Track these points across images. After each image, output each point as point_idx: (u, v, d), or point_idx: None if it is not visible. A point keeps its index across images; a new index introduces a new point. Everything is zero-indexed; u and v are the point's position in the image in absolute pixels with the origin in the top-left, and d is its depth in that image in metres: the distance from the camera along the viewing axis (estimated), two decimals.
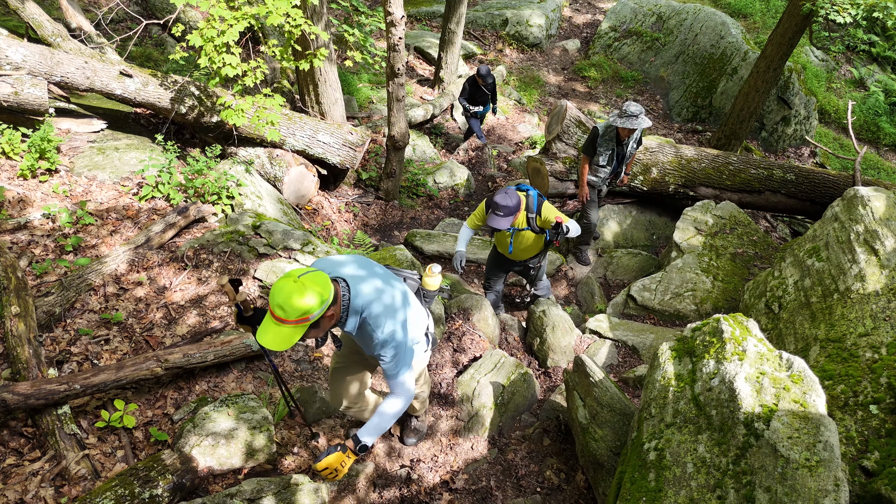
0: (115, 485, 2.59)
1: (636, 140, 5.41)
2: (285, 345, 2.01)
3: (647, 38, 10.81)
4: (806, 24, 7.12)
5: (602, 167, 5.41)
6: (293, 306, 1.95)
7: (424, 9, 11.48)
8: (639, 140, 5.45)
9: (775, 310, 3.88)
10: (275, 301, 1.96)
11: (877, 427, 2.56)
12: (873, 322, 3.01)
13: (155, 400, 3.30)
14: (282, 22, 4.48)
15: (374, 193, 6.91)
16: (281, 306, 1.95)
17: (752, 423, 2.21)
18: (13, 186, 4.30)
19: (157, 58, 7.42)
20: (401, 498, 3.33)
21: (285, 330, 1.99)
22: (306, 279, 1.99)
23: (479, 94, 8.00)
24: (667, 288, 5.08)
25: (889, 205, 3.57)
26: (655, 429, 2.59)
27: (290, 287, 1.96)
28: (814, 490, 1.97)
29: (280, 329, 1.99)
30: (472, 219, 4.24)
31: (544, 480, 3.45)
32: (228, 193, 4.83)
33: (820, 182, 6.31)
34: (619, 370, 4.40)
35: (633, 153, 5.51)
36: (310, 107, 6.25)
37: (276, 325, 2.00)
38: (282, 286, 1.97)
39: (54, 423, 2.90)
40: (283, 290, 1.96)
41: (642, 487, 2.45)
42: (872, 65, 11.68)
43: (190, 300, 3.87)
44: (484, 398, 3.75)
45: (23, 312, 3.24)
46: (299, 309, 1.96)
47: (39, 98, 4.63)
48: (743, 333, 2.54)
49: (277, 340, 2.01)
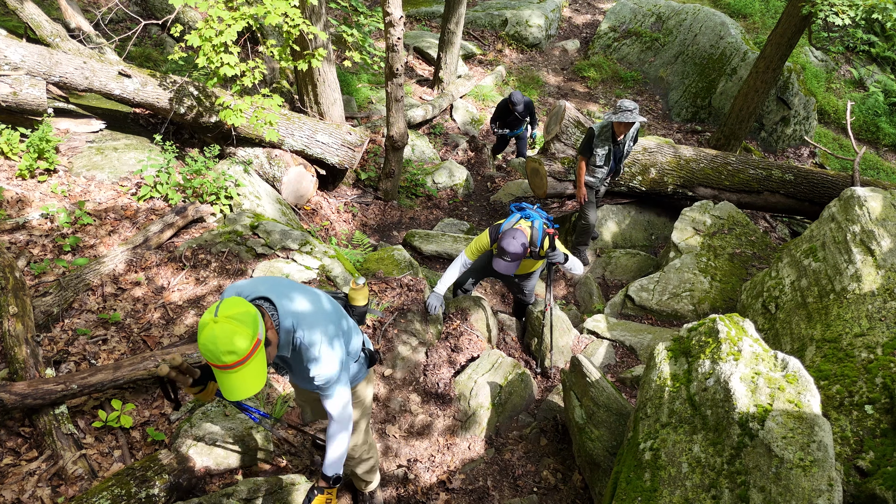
0: (112, 484, 2.60)
1: (632, 138, 5.40)
2: (261, 379, 1.86)
3: (647, 39, 10.81)
4: (805, 24, 7.13)
5: (599, 167, 5.41)
6: (236, 343, 1.76)
7: (424, 9, 11.49)
8: (635, 138, 5.44)
9: (772, 310, 3.88)
10: (218, 353, 1.75)
11: (872, 427, 2.57)
12: (869, 322, 3.01)
13: (152, 400, 3.30)
14: (280, 22, 4.48)
15: (373, 193, 6.91)
16: (228, 351, 1.75)
17: (746, 423, 2.21)
18: (11, 186, 4.31)
19: (156, 58, 7.43)
20: (397, 498, 3.33)
21: (249, 367, 1.81)
22: (222, 313, 1.77)
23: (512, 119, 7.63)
24: (665, 288, 5.08)
25: (885, 205, 3.57)
26: (651, 429, 2.59)
27: (218, 330, 1.75)
28: (808, 490, 1.97)
29: (245, 371, 1.80)
30: (472, 249, 4.01)
31: (541, 480, 3.46)
32: (227, 193, 4.83)
33: (819, 182, 6.31)
34: (616, 370, 4.40)
35: (630, 151, 5.50)
36: (308, 107, 6.26)
37: (236, 372, 1.79)
38: (211, 336, 1.74)
39: (51, 423, 2.91)
40: (216, 337, 1.74)
41: (638, 487, 2.46)
42: (872, 65, 11.68)
43: (188, 300, 3.88)
44: (481, 398, 3.76)
45: (20, 312, 3.25)
46: (244, 338, 1.77)
47: (38, 98, 4.63)
48: (739, 334, 2.55)
49: (251, 382, 1.83)
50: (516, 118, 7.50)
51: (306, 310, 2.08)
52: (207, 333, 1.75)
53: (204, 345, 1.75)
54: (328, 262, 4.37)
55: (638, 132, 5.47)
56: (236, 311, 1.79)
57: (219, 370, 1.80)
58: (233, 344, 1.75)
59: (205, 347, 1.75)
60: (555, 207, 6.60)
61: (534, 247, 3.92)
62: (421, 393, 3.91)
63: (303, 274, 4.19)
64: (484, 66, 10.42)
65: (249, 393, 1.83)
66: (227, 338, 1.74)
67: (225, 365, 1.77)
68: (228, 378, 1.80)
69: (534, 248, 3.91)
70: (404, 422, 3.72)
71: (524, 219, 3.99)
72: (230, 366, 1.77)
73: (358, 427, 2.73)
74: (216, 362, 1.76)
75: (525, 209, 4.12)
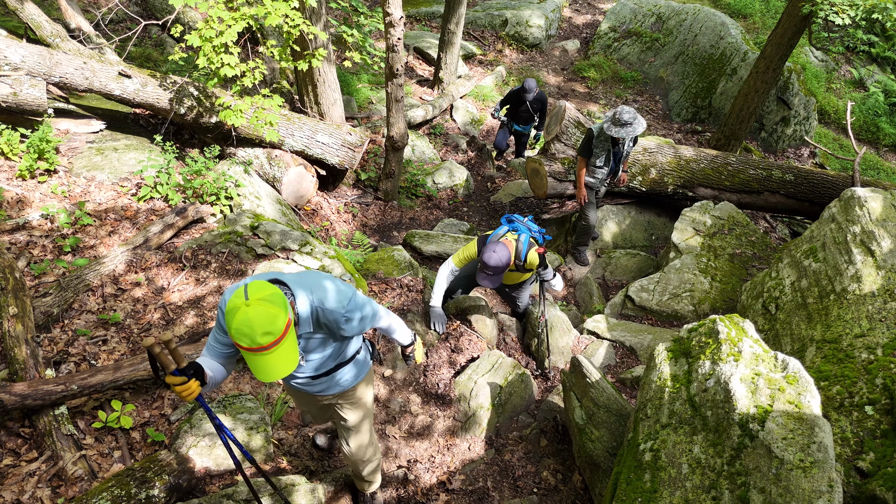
0: (112, 485, 2.60)
1: (632, 139, 5.38)
2: (295, 357, 1.90)
3: (647, 39, 10.81)
4: (805, 24, 7.12)
5: (599, 168, 5.40)
6: (273, 323, 1.79)
7: (424, 9, 11.48)
8: (635, 139, 5.42)
9: (772, 310, 3.88)
10: (254, 335, 1.77)
11: (872, 428, 2.56)
12: (869, 323, 3.01)
13: (152, 400, 3.30)
14: (280, 22, 4.48)
15: (373, 194, 6.91)
16: (264, 332, 1.78)
17: (746, 423, 2.21)
18: (12, 187, 4.31)
19: (156, 58, 7.43)
20: (397, 498, 3.33)
21: (283, 347, 1.85)
22: (252, 295, 1.81)
23: (522, 111, 7.41)
24: (665, 289, 5.08)
25: (886, 206, 3.57)
26: (651, 429, 2.59)
27: (252, 313, 1.77)
28: (808, 491, 1.97)
29: (279, 350, 1.84)
30: (460, 257, 3.97)
31: (541, 481, 3.46)
32: (227, 194, 4.83)
33: (819, 182, 6.31)
34: (616, 371, 4.40)
35: (630, 152, 5.48)
36: (309, 107, 6.25)
37: (271, 353, 1.83)
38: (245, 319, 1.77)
39: (51, 424, 2.91)
40: (251, 319, 1.77)
41: (638, 488, 2.46)
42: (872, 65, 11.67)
43: (188, 301, 3.88)
44: (481, 399, 3.76)
45: (20, 313, 3.24)
46: (279, 318, 1.81)
47: (38, 98, 4.63)
48: (739, 334, 2.55)
49: (285, 361, 1.87)
50: (527, 111, 7.31)
51: (315, 280, 2.13)
52: (241, 317, 1.77)
53: (238, 329, 1.77)
54: (328, 263, 4.37)
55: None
56: (266, 292, 1.82)
57: (253, 353, 1.82)
58: (269, 324, 1.78)
59: (239, 331, 1.77)
60: (555, 208, 6.60)
61: (518, 260, 3.86)
62: (421, 393, 3.91)
63: None
64: (484, 67, 10.42)
65: (285, 372, 1.87)
66: (263, 319, 1.77)
67: (260, 347, 1.79)
68: (263, 360, 1.83)
69: (518, 261, 3.86)
70: (404, 422, 3.72)
71: (511, 231, 3.95)
72: (266, 347, 1.80)
73: (362, 428, 2.74)
74: (251, 345, 1.78)
75: (514, 221, 4.08)
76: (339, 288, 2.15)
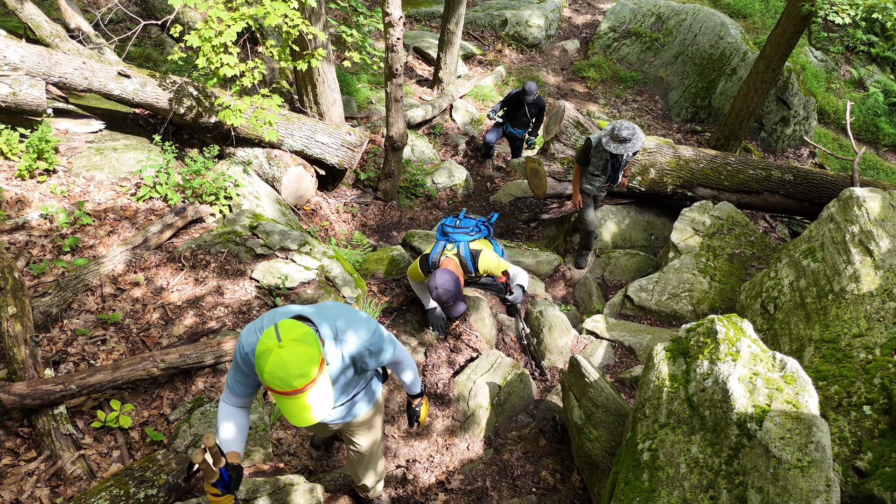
0: (111, 485, 2.60)
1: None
2: (330, 399, 1.83)
3: (647, 39, 10.81)
4: (805, 24, 7.12)
5: (596, 176, 5.34)
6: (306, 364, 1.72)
7: (424, 9, 11.49)
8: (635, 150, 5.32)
9: (771, 310, 3.88)
10: (289, 378, 1.70)
11: (870, 428, 2.57)
12: (867, 323, 3.01)
13: (151, 400, 3.30)
14: (280, 23, 4.49)
15: (373, 194, 6.91)
16: (299, 375, 1.71)
17: (744, 423, 2.21)
18: (11, 187, 4.31)
19: (155, 58, 7.43)
20: (396, 498, 3.34)
21: (318, 388, 1.77)
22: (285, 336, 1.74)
23: (520, 115, 7.38)
24: (664, 288, 5.08)
25: (884, 206, 3.57)
26: (649, 429, 2.59)
27: (286, 355, 1.70)
28: (805, 490, 1.97)
29: (313, 392, 1.76)
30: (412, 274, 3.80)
31: (540, 481, 3.46)
32: (226, 194, 4.83)
33: (818, 182, 6.31)
34: (615, 370, 4.40)
35: (629, 162, 5.40)
36: (308, 107, 6.26)
37: (304, 395, 1.74)
38: (279, 362, 1.70)
39: (50, 424, 2.91)
40: (286, 362, 1.70)
41: (636, 488, 2.46)
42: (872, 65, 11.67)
43: (187, 301, 3.88)
44: (480, 398, 3.76)
45: (19, 313, 3.25)
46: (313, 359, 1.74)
47: (37, 98, 4.63)
48: (737, 334, 2.55)
49: (321, 403, 1.79)
50: (525, 115, 7.32)
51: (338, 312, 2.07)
52: (275, 360, 1.69)
53: (272, 372, 1.69)
54: (327, 263, 4.37)
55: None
56: (298, 332, 1.76)
57: (287, 397, 1.74)
58: (304, 366, 1.71)
59: (273, 375, 1.69)
60: (554, 207, 6.60)
61: (468, 275, 3.67)
62: None
63: (302, 274, 4.19)
64: (484, 67, 10.42)
65: (321, 416, 1.79)
66: (297, 360, 1.71)
67: (295, 390, 1.72)
68: (297, 403, 1.75)
69: (469, 275, 3.67)
70: (403, 422, 3.72)
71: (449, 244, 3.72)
72: (300, 390, 1.73)
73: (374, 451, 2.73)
74: (286, 388, 1.71)
75: (448, 231, 3.80)
76: (363, 320, 2.10)
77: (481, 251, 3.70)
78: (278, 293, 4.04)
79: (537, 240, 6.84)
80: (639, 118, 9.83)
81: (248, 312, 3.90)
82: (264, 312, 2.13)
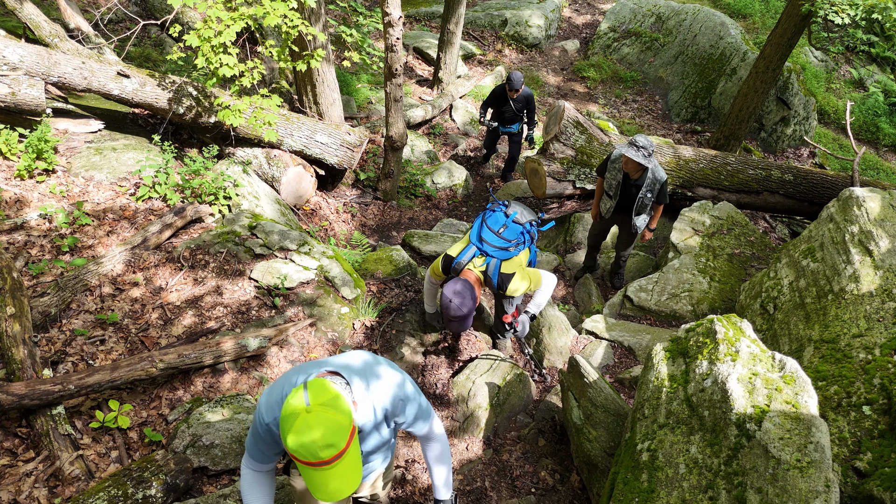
0: (109, 485, 2.60)
1: (650, 188, 4.73)
2: (360, 470, 1.65)
3: (647, 39, 10.81)
4: (805, 24, 7.12)
5: (608, 196, 5.02)
6: (336, 433, 1.55)
7: (423, 9, 11.48)
8: (657, 193, 4.77)
9: (770, 310, 3.88)
10: (316, 449, 1.52)
11: (869, 428, 2.56)
12: (867, 323, 3.01)
13: (150, 400, 3.30)
14: (279, 23, 4.48)
15: (373, 194, 6.91)
16: (327, 445, 1.53)
17: (743, 423, 2.21)
18: (10, 187, 4.31)
19: (155, 58, 7.43)
20: (396, 498, 3.33)
21: (347, 458, 1.59)
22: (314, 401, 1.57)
23: (506, 110, 6.86)
24: (663, 289, 5.08)
25: (884, 206, 3.57)
26: (648, 430, 2.59)
27: (314, 422, 1.54)
28: (804, 491, 1.97)
29: (343, 464, 1.58)
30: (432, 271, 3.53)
31: (539, 481, 3.45)
32: (225, 194, 4.83)
33: (818, 182, 6.31)
34: (615, 371, 4.40)
35: (650, 203, 4.86)
36: (308, 107, 6.25)
37: (334, 467, 1.57)
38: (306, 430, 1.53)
39: (48, 424, 2.91)
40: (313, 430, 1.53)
41: (635, 488, 2.46)
42: (872, 65, 11.67)
43: (186, 301, 3.88)
44: (479, 399, 3.75)
45: (18, 313, 3.24)
46: (344, 428, 1.57)
47: (37, 98, 4.63)
48: (736, 334, 2.54)
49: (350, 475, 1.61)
50: (511, 111, 6.86)
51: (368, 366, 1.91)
52: (301, 427, 1.53)
53: (297, 440, 1.52)
54: (326, 263, 4.37)
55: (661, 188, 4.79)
56: (329, 395, 1.59)
57: (313, 468, 1.56)
58: (334, 435, 1.54)
59: (299, 444, 1.52)
60: (554, 207, 6.59)
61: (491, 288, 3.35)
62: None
63: (301, 274, 4.18)
64: (484, 67, 10.42)
65: (349, 491, 1.61)
66: (327, 429, 1.54)
67: (322, 461, 1.54)
68: (323, 476, 1.57)
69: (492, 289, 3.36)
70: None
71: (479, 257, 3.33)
72: (328, 461, 1.55)
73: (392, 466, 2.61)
74: (312, 459, 1.54)
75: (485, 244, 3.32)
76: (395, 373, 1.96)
77: (513, 276, 3.29)
78: (277, 293, 4.04)
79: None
80: (639, 118, 9.83)
81: (247, 312, 3.90)
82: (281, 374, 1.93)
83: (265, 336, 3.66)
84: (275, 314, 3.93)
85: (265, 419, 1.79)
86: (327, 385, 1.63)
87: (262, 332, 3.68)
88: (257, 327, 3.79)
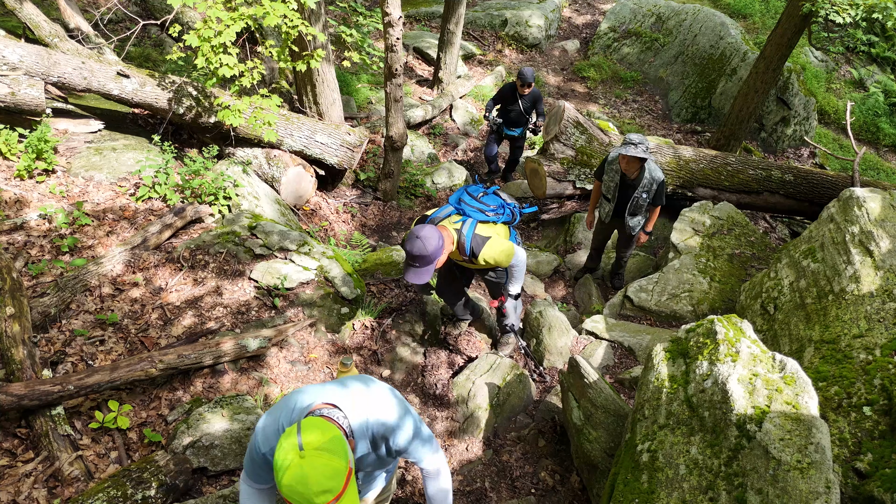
0: (108, 486, 2.60)
1: (647, 188, 4.70)
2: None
3: (647, 39, 10.80)
4: (805, 24, 7.12)
5: (606, 199, 4.99)
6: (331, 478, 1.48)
7: (424, 9, 11.48)
8: (654, 194, 4.75)
9: (770, 311, 3.87)
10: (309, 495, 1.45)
11: (870, 429, 2.56)
12: (867, 323, 3.00)
13: (149, 401, 3.30)
14: (279, 23, 4.48)
15: (373, 194, 6.91)
16: (322, 492, 1.46)
17: (744, 424, 2.20)
18: (10, 187, 4.31)
19: (155, 58, 7.43)
20: (396, 499, 3.33)
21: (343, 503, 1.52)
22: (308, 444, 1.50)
23: (513, 110, 6.60)
24: (664, 289, 5.07)
25: (884, 206, 3.56)
26: (649, 430, 2.58)
27: (308, 468, 1.46)
28: (805, 492, 1.97)
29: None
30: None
31: (539, 482, 3.45)
32: (225, 194, 4.83)
33: (818, 183, 6.30)
34: (615, 371, 4.39)
35: (643, 205, 4.82)
36: (308, 107, 6.25)
37: None
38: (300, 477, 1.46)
39: (48, 424, 2.90)
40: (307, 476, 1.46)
41: (635, 489, 2.45)
42: (872, 65, 11.66)
43: (186, 301, 3.87)
44: (479, 399, 3.75)
45: (17, 313, 3.24)
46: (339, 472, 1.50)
47: (36, 98, 4.63)
48: (736, 335, 2.54)
49: None
50: (518, 110, 6.67)
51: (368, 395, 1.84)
52: (295, 474, 1.45)
53: (291, 487, 1.45)
54: (326, 263, 4.37)
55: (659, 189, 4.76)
56: (323, 438, 1.52)
57: None
58: (329, 481, 1.47)
59: (292, 490, 1.45)
60: (554, 208, 6.59)
61: (463, 257, 3.20)
62: (419, 394, 3.91)
63: (301, 275, 4.18)
64: (484, 67, 10.42)
65: None
66: (321, 475, 1.46)
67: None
68: None
69: (464, 255, 3.18)
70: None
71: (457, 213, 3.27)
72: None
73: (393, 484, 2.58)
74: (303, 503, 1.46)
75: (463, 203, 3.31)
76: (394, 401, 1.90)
77: (490, 238, 3.17)
78: (277, 294, 4.03)
79: (537, 240, 6.83)
80: (639, 118, 9.83)
81: (247, 313, 3.89)
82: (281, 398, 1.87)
83: (265, 337, 3.66)
84: (275, 315, 3.93)
85: (261, 449, 1.74)
86: (323, 425, 1.57)
87: (262, 333, 3.68)
88: (257, 328, 3.79)
